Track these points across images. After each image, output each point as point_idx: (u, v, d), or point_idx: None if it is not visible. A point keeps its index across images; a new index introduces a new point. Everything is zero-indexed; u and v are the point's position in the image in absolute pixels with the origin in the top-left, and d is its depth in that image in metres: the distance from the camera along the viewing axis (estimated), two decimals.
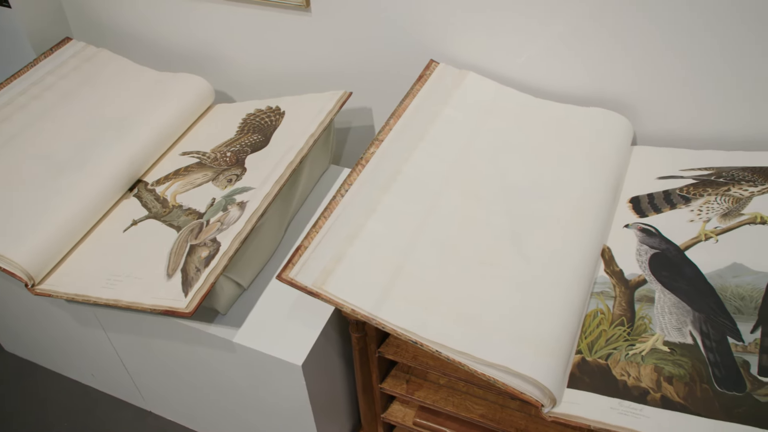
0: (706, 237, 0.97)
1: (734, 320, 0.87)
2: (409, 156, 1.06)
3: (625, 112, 1.18)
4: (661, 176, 1.08)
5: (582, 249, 0.94)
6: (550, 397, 0.82)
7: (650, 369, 0.85)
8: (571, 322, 0.87)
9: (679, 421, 0.80)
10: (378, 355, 1.06)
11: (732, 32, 1.02)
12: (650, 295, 0.92)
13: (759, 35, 1.01)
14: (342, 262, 0.91)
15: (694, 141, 1.16)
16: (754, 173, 1.04)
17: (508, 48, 1.19)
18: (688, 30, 1.04)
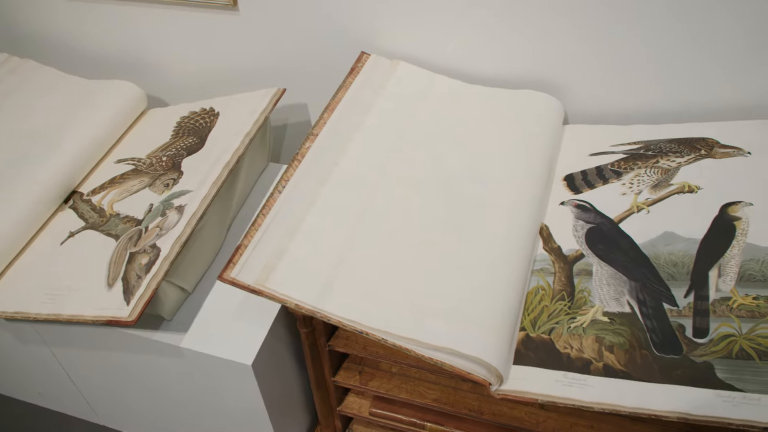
0: (638, 209, 1.00)
1: (668, 286, 0.90)
2: (345, 148, 1.06)
3: (556, 93, 1.20)
4: (593, 153, 1.11)
5: (520, 228, 0.96)
6: (497, 375, 0.84)
7: (592, 340, 0.87)
8: (513, 300, 0.89)
9: (621, 388, 0.82)
10: (328, 349, 1.07)
11: (652, 10, 1.05)
12: (588, 268, 0.94)
13: (678, 13, 1.04)
14: (283, 257, 0.91)
15: (622, 117, 1.19)
16: (681, 144, 1.08)
17: (437, 35, 1.20)
18: (610, 8, 1.06)
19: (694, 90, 1.14)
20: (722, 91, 1.13)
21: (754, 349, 0.82)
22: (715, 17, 1.03)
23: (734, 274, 0.89)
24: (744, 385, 0.79)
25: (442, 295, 0.88)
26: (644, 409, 0.80)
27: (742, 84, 1.11)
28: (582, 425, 1.06)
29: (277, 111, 1.44)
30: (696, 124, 1.11)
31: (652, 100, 1.17)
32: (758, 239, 0.92)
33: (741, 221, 0.94)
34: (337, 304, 0.87)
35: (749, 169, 1.01)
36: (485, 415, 1.08)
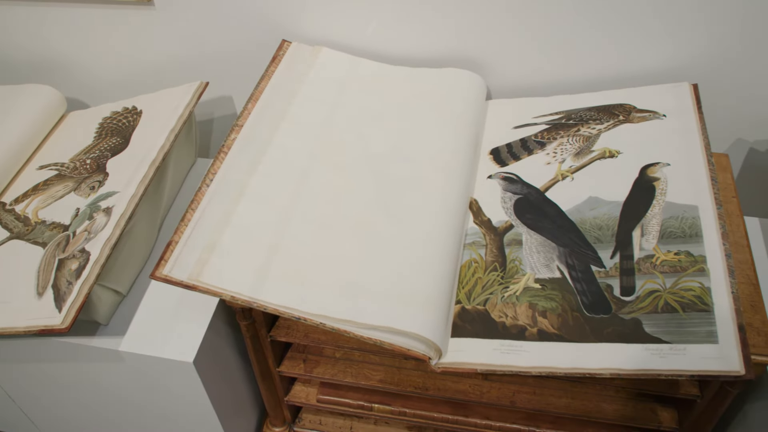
0: (563, 176, 1.03)
1: (595, 249, 0.92)
2: (272, 137, 1.05)
3: (478, 69, 1.22)
4: (516, 126, 1.13)
5: (449, 204, 0.97)
6: (436, 349, 0.85)
7: (525, 307, 0.89)
8: (447, 275, 0.90)
9: (556, 350, 0.85)
10: (270, 340, 1.06)
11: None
12: (518, 238, 0.96)
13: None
14: (215, 250, 0.90)
15: (544, 89, 1.22)
16: (600, 112, 1.11)
17: (357, 19, 1.20)
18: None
19: (609, 59, 1.17)
20: (637, 59, 1.16)
21: (677, 302, 0.85)
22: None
23: (656, 232, 0.92)
24: (670, 337, 0.82)
25: (377, 274, 0.89)
26: (579, 368, 0.83)
27: (653, 50, 1.14)
28: (525, 392, 1.09)
29: (202, 105, 1.43)
30: (613, 92, 1.15)
31: (570, 71, 1.20)
32: (677, 197, 0.95)
33: (660, 181, 0.98)
34: (273, 292, 0.87)
35: (665, 130, 1.05)
36: (430, 390, 1.10)
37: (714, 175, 0.97)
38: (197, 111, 1.39)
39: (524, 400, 1.08)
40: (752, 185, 1.31)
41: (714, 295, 0.84)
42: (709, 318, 0.83)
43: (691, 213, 0.93)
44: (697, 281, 0.86)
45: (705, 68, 1.15)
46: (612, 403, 1.08)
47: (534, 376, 0.84)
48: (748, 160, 1.27)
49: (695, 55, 1.14)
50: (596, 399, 1.08)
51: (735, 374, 0.79)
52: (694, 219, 0.92)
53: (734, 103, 1.19)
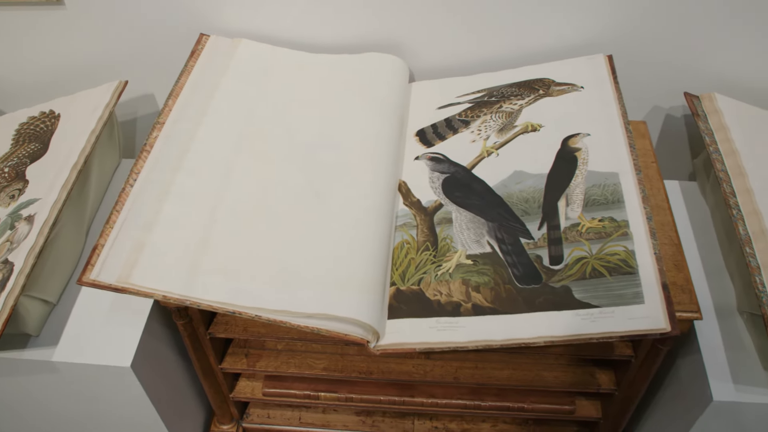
0: (488, 153, 1.04)
1: (523, 222, 0.94)
2: (195, 132, 1.04)
3: (400, 53, 1.22)
4: (440, 106, 1.14)
5: (378, 188, 0.98)
6: (374, 332, 0.86)
7: (459, 283, 0.90)
8: (380, 258, 0.91)
9: (491, 323, 0.86)
10: (209, 337, 1.05)
11: None
12: (448, 216, 0.98)
13: None
14: (143, 251, 0.89)
15: (465, 68, 1.23)
16: (520, 87, 1.13)
17: (275, 8, 1.19)
18: None
19: (527, 35, 1.19)
20: (553, 33, 1.18)
21: (604, 267, 0.87)
22: None
23: (580, 201, 0.95)
24: (599, 301, 0.85)
25: (310, 262, 0.89)
26: (514, 339, 0.85)
27: (568, 24, 1.17)
28: (467, 367, 1.11)
29: (124, 105, 1.39)
30: (532, 67, 1.17)
31: (490, 49, 1.21)
32: (598, 166, 0.98)
33: (581, 151, 1.00)
34: (206, 288, 0.86)
35: (584, 101, 1.07)
36: (375, 374, 1.10)
37: (632, 142, 1.00)
38: (119, 111, 1.35)
39: (467, 375, 1.10)
40: (671, 150, 1.36)
41: (638, 258, 0.87)
42: (635, 280, 0.85)
43: (612, 180, 0.96)
44: (621, 245, 0.89)
45: (620, 40, 1.18)
46: (552, 371, 1.11)
47: (471, 350, 0.86)
48: (666, 126, 1.31)
49: (610, 27, 1.17)
50: (536, 368, 1.11)
51: (662, 332, 0.81)
52: (615, 185, 0.95)
53: (649, 72, 1.22)
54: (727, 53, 1.18)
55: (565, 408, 1.15)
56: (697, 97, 1.18)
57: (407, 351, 0.87)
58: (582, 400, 1.18)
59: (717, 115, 1.12)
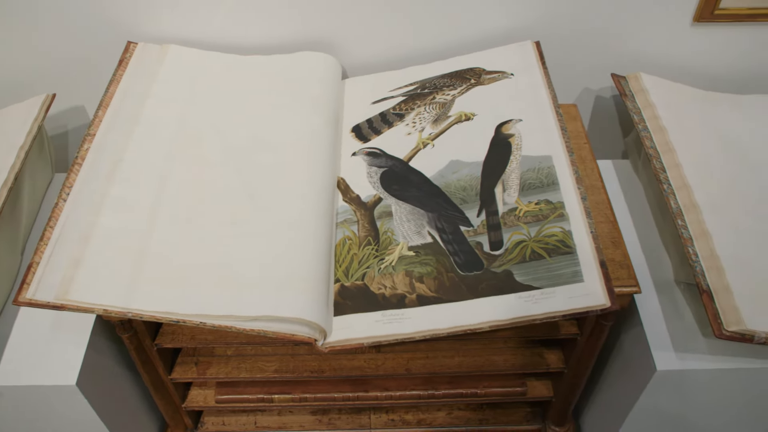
0: (424, 144, 1.05)
1: (462, 210, 0.95)
2: (127, 142, 1.02)
3: (331, 50, 1.22)
4: (374, 101, 1.14)
5: (316, 186, 0.98)
6: (320, 330, 0.86)
7: (402, 275, 0.91)
8: (322, 255, 0.91)
9: (436, 312, 0.87)
10: (156, 348, 1.04)
11: None
12: (388, 210, 0.98)
13: None
14: (81, 266, 0.87)
15: (397, 62, 1.24)
16: (452, 78, 1.14)
17: (202, 12, 1.17)
18: None
19: (456, 26, 1.20)
20: (482, 23, 1.20)
21: (543, 249, 0.89)
22: None
23: (516, 185, 0.96)
24: (540, 283, 0.86)
25: (251, 265, 0.88)
26: (459, 326, 0.86)
27: (496, 13, 1.18)
28: (418, 358, 1.12)
29: (54, 118, 1.36)
30: (463, 57, 1.18)
31: (421, 41, 1.22)
32: (531, 150, 1.00)
33: (514, 137, 1.02)
34: (147, 299, 0.85)
35: (514, 88, 1.09)
36: (327, 372, 1.10)
37: (563, 125, 1.02)
38: (49, 125, 1.32)
39: (419, 365, 1.11)
40: (603, 130, 1.39)
41: (575, 237, 0.89)
42: (573, 259, 0.87)
43: (546, 163, 0.97)
44: (558, 226, 0.91)
45: (547, 26, 1.20)
46: (502, 354, 1.13)
47: (418, 340, 0.86)
48: (596, 107, 1.34)
49: (536, 14, 1.19)
50: (486, 353, 1.12)
51: (602, 308, 0.83)
52: (549, 168, 0.97)
53: (577, 55, 1.25)
54: (649, 33, 1.21)
55: (517, 390, 1.17)
56: (624, 78, 1.20)
57: (355, 346, 0.87)
58: (533, 381, 1.20)
59: (644, 93, 1.15)
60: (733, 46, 1.23)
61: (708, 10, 1.17)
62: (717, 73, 1.27)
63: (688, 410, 1.06)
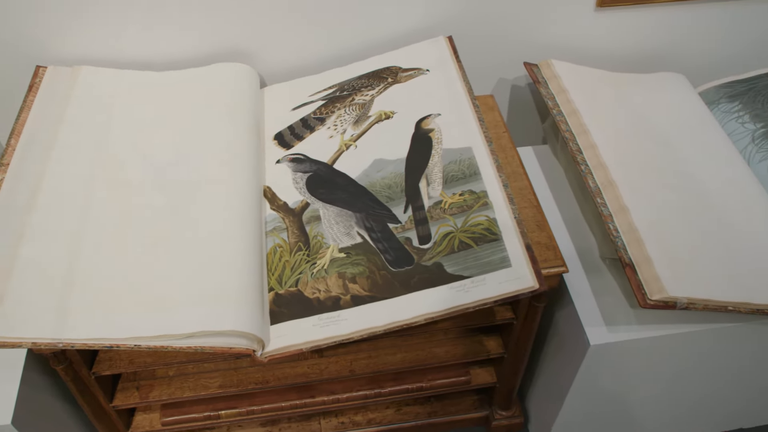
0: (347, 146, 1.06)
1: (389, 208, 0.97)
2: (44, 169, 0.99)
3: (248, 60, 1.22)
4: (295, 107, 1.15)
5: (242, 197, 0.97)
6: (258, 340, 0.85)
7: (335, 277, 0.92)
8: (253, 266, 0.91)
9: (371, 311, 0.88)
10: (94, 377, 1.01)
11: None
12: (316, 214, 0.98)
13: None
14: (4, 300, 0.84)
15: (314, 66, 1.24)
16: (370, 78, 1.15)
17: (112, 31, 1.15)
18: None
19: (370, 27, 1.21)
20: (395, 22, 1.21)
21: (470, 238, 0.91)
22: None
23: (440, 179, 0.98)
24: (470, 272, 0.88)
25: (182, 282, 0.87)
26: (395, 322, 0.87)
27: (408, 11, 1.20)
28: (361, 358, 1.12)
29: None
30: (379, 57, 1.19)
31: (336, 44, 1.23)
32: (452, 143, 1.01)
33: (434, 132, 1.03)
34: (78, 327, 0.83)
35: (431, 84, 1.11)
36: (271, 382, 1.10)
37: (481, 117, 1.04)
38: None
39: (362, 366, 1.11)
40: (521, 118, 1.42)
41: (500, 224, 0.91)
42: (500, 245, 0.89)
43: (467, 154, 0.99)
44: (483, 215, 0.93)
45: (459, 20, 1.23)
46: (443, 346, 1.14)
47: (357, 340, 0.87)
48: (513, 96, 1.38)
49: (448, 10, 1.21)
50: (428, 346, 1.14)
51: (531, 290, 0.86)
52: (470, 159, 0.99)
53: (490, 48, 1.28)
54: (557, 21, 1.25)
55: (462, 379, 1.19)
56: (536, 66, 1.24)
57: (295, 353, 0.87)
58: (476, 369, 1.23)
59: (556, 79, 1.19)
60: (635, 28, 1.28)
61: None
62: (623, 54, 1.32)
63: (625, 381, 1.10)
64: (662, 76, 1.28)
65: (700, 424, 1.31)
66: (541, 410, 1.27)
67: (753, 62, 1.38)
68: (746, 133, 1.20)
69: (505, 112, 1.40)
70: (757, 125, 1.21)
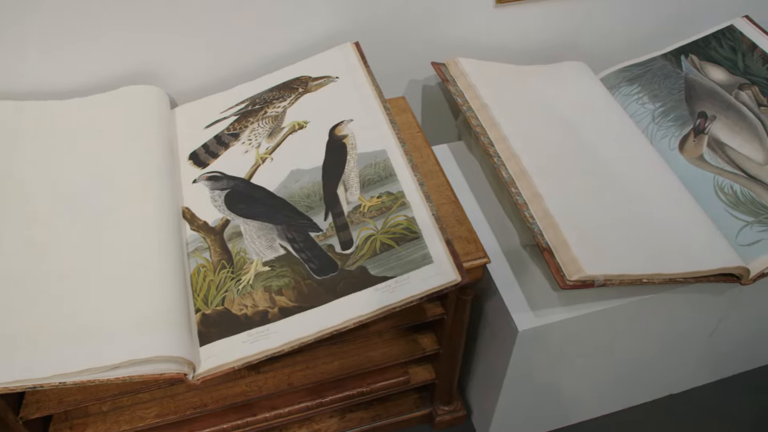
0: (263, 160, 1.06)
1: (309, 217, 0.97)
2: None
3: (157, 81, 1.20)
4: (207, 125, 1.14)
5: (160, 221, 0.96)
6: (188, 363, 0.84)
7: (261, 291, 0.91)
8: (177, 288, 0.89)
9: (300, 321, 0.88)
10: (23, 422, 0.98)
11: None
12: (237, 230, 0.98)
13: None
14: None
15: (225, 82, 1.23)
16: (281, 90, 1.15)
17: (10, 62, 1.12)
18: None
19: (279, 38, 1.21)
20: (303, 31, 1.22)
21: (391, 239, 0.92)
22: None
23: (357, 184, 0.99)
24: (394, 272, 0.89)
25: (104, 312, 0.86)
26: (325, 329, 0.87)
27: (314, 20, 1.20)
28: (298, 370, 1.12)
29: None
30: (288, 68, 1.20)
31: (245, 58, 1.23)
32: (366, 147, 1.03)
33: (348, 137, 1.04)
34: None
35: (341, 90, 1.12)
36: (210, 405, 1.09)
37: (392, 119, 1.06)
38: None
39: (301, 377, 1.11)
40: (435, 117, 1.45)
41: (419, 223, 0.93)
42: (421, 243, 0.91)
43: (381, 157, 1.01)
44: (402, 215, 0.94)
45: (365, 26, 1.24)
46: (379, 349, 1.15)
47: (289, 352, 0.87)
48: (425, 96, 1.40)
49: (354, 16, 1.22)
50: (364, 351, 1.15)
51: (455, 283, 0.88)
52: (385, 161, 1.00)
53: (398, 50, 1.30)
54: (460, 19, 1.28)
55: (401, 379, 1.20)
56: (443, 64, 1.26)
57: (227, 371, 0.86)
58: (414, 367, 1.24)
59: (464, 77, 1.22)
60: (535, 21, 1.32)
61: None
62: (526, 47, 1.36)
63: (556, 362, 1.13)
64: (565, 66, 1.32)
65: (633, 395, 1.36)
66: (481, 401, 1.29)
67: (648, 45, 1.44)
68: (647, 113, 1.26)
69: (418, 112, 1.42)
70: (656, 105, 1.26)
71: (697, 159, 1.17)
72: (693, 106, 1.24)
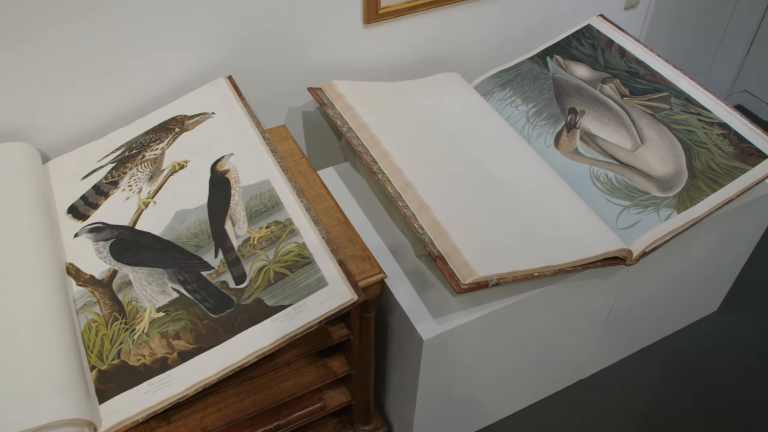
0: (146, 204, 1.03)
1: (199, 256, 0.96)
2: None
3: (25, 137, 1.16)
4: (84, 176, 1.11)
5: (43, 281, 0.92)
6: (88, 423, 0.81)
7: (158, 338, 0.89)
8: (67, 349, 0.86)
9: (201, 362, 0.87)
10: None
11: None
12: (126, 279, 0.95)
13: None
14: None
15: (98, 130, 1.20)
16: (157, 132, 1.13)
17: None
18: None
19: (149, 79, 1.20)
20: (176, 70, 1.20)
21: (284, 267, 0.92)
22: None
23: (244, 217, 0.98)
24: (290, 300, 0.89)
25: None
26: (227, 367, 0.86)
27: (185, 58, 1.19)
28: (210, 413, 1.09)
29: None
30: (163, 108, 1.18)
31: (117, 103, 1.20)
32: (249, 179, 1.02)
33: (230, 172, 1.04)
34: None
35: (219, 125, 1.11)
36: None
37: (272, 147, 1.06)
38: None
39: (213, 420, 1.08)
40: (319, 141, 1.46)
41: (310, 248, 0.93)
42: (314, 267, 0.91)
43: (266, 187, 1.01)
44: (292, 242, 0.94)
45: (237, 59, 1.24)
46: (290, 379, 1.14)
47: (194, 396, 0.85)
48: (306, 122, 1.41)
49: (223, 50, 1.22)
50: (275, 383, 1.13)
51: (352, 302, 0.88)
52: (270, 191, 1.00)
53: (273, 79, 1.30)
54: (331, 43, 1.30)
55: (317, 406, 1.19)
56: (319, 89, 1.28)
57: (132, 426, 0.84)
58: (329, 392, 1.23)
59: (341, 98, 1.23)
60: (402, 38, 1.36)
61: (373, 12, 1.28)
62: (397, 63, 1.40)
63: (465, 365, 1.16)
64: (439, 77, 1.36)
65: (545, 386, 1.40)
66: (400, 415, 1.30)
67: (515, 51, 1.51)
68: (521, 115, 1.31)
69: (302, 138, 1.43)
70: (528, 106, 1.32)
71: (572, 152, 1.23)
72: (563, 103, 1.31)
